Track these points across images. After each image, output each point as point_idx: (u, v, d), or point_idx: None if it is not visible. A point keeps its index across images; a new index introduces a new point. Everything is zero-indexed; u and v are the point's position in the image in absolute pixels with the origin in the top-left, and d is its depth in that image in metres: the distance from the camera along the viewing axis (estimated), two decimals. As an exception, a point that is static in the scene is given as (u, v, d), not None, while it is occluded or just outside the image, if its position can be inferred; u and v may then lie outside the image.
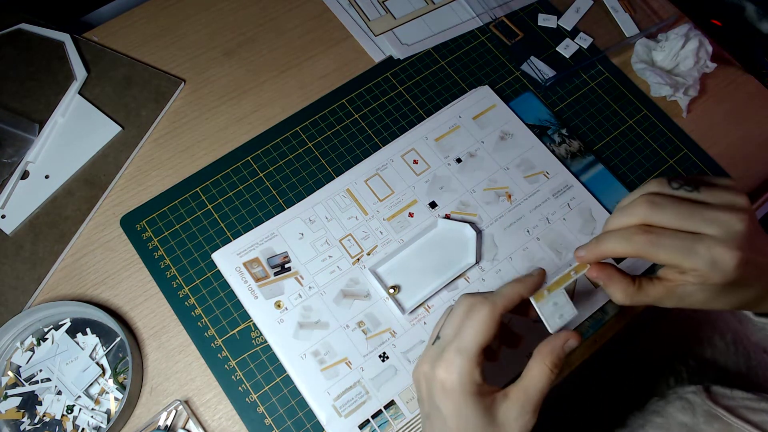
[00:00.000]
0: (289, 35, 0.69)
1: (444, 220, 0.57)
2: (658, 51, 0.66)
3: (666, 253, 0.34)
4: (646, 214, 0.35)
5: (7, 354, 0.53)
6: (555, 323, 0.39)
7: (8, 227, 0.57)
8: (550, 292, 0.39)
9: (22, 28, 0.66)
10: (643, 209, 0.35)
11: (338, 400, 0.51)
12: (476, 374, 0.36)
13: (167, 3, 0.70)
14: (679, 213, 0.35)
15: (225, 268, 0.55)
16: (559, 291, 0.39)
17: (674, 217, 0.34)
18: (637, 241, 0.35)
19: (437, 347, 0.38)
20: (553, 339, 0.38)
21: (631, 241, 0.35)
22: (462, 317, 0.37)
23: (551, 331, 0.39)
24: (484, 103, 0.64)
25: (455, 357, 0.36)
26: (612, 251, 0.36)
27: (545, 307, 0.39)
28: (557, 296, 0.39)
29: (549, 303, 0.39)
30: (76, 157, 0.60)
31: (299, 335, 0.53)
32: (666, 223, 0.35)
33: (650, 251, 0.34)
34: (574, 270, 0.39)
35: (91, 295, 0.55)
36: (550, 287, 0.39)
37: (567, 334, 0.38)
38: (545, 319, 0.39)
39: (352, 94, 0.65)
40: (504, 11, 0.70)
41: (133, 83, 0.64)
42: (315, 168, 0.61)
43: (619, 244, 0.35)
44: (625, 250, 0.35)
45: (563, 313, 0.39)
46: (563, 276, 0.39)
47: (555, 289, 0.39)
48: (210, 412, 0.51)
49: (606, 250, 0.36)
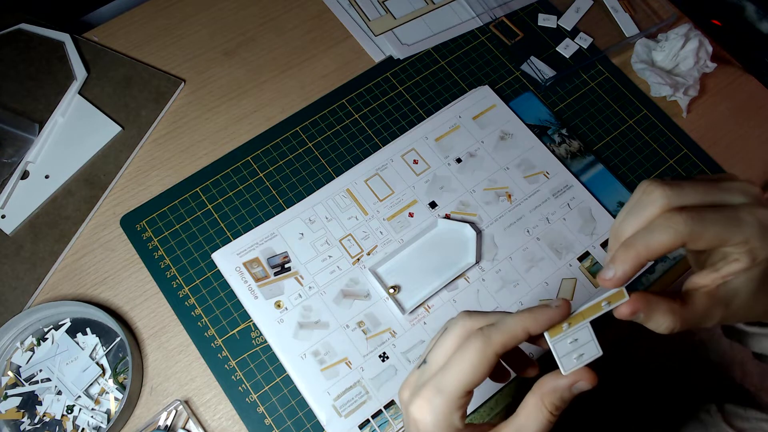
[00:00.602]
0: (289, 35, 0.69)
1: (444, 220, 0.57)
2: (658, 51, 0.66)
3: (714, 228, 0.29)
4: (668, 196, 0.30)
5: (7, 354, 0.53)
6: (571, 364, 0.31)
7: (8, 227, 0.57)
8: (571, 326, 0.31)
9: (22, 28, 0.66)
10: (661, 193, 0.30)
11: (338, 400, 0.51)
12: (455, 418, 0.31)
13: (167, 3, 0.70)
14: (699, 188, 0.31)
15: (225, 268, 0.55)
16: (582, 324, 0.31)
17: (697, 193, 0.30)
18: (677, 224, 0.29)
19: (420, 374, 0.33)
20: (558, 376, 0.31)
21: (671, 226, 0.29)
22: (452, 347, 0.32)
23: (564, 374, 0.31)
24: (484, 103, 0.64)
25: (433, 397, 0.31)
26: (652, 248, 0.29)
27: (561, 344, 0.31)
28: (579, 332, 0.31)
29: (567, 339, 0.31)
30: (76, 157, 0.60)
31: (299, 335, 0.53)
32: (691, 201, 0.30)
33: (696, 230, 0.29)
34: (607, 300, 0.31)
35: (91, 295, 0.55)
36: (572, 319, 0.31)
37: (579, 374, 0.31)
38: (558, 359, 0.31)
39: (352, 94, 0.65)
40: (504, 11, 0.70)
41: (133, 83, 0.64)
42: (315, 168, 0.61)
43: (660, 235, 0.29)
44: (668, 241, 0.29)
45: (584, 353, 0.31)
46: (591, 306, 0.31)
47: (577, 323, 0.31)
48: (210, 412, 0.51)
49: (643, 250, 0.29)
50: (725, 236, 0.29)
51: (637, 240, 0.30)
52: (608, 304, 0.31)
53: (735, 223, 0.29)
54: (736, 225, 0.29)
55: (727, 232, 0.29)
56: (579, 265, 0.56)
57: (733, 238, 0.29)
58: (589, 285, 0.55)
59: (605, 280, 0.30)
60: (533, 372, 0.37)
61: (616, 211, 0.59)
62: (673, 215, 0.29)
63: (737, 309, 0.32)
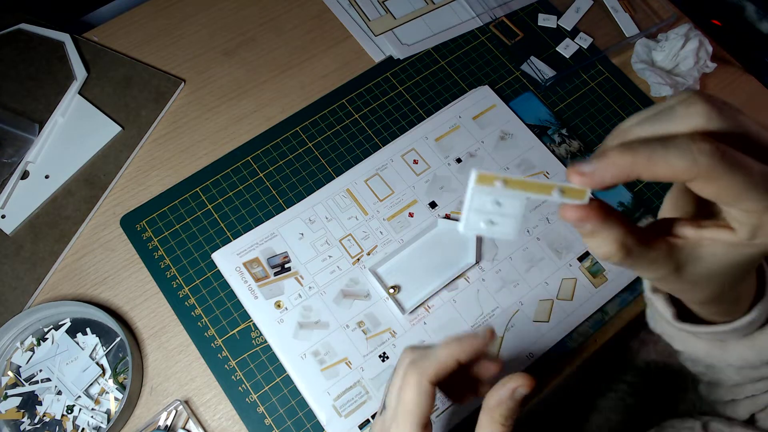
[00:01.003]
0: (289, 35, 0.69)
1: (444, 220, 0.57)
2: (658, 51, 0.66)
3: (741, 181, 0.22)
4: (710, 118, 0.23)
5: (7, 354, 0.53)
6: (473, 226, 0.26)
7: (8, 227, 0.57)
8: (506, 187, 0.26)
9: (22, 28, 0.66)
10: (704, 110, 0.23)
11: (338, 400, 0.51)
12: None
13: (167, 3, 0.70)
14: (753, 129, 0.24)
15: (225, 268, 0.55)
16: (518, 194, 0.26)
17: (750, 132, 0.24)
18: (703, 154, 0.22)
19: (383, 422, 0.34)
20: (499, 388, 0.32)
21: (693, 153, 0.22)
22: (400, 383, 0.33)
23: (460, 231, 0.27)
24: (484, 103, 0.64)
25: None
26: (654, 166, 0.23)
27: (481, 198, 0.26)
28: (509, 199, 0.26)
29: (491, 197, 0.26)
30: (76, 157, 0.60)
31: (299, 335, 0.53)
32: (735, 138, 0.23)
33: (719, 174, 0.22)
34: (561, 189, 0.25)
35: (91, 295, 0.55)
36: (511, 182, 0.26)
37: (515, 381, 0.31)
38: (467, 210, 0.26)
39: (352, 94, 0.65)
40: (504, 11, 0.70)
41: (133, 83, 0.64)
42: (315, 168, 0.61)
43: (674, 157, 0.22)
44: (679, 168, 0.22)
45: (498, 223, 0.26)
46: (540, 184, 0.25)
47: (514, 188, 0.26)
48: (210, 412, 0.51)
49: (643, 162, 0.23)
50: (745, 196, 0.23)
51: (643, 147, 0.23)
52: (560, 194, 0.25)
53: (766, 188, 0.23)
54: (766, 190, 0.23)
55: (751, 192, 0.23)
56: (579, 265, 0.56)
57: (749, 202, 0.23)
58: (589, 285, 0.55)
59: (578, 172, 0.24)
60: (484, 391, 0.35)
61: (616, 211, 0.59)
62: (704, 143, 0.22)
63: (689, 278, 0.28)
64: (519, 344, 0.53)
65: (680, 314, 0.36)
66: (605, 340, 0.54)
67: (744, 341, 0.36)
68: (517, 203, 0.26)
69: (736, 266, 0.27)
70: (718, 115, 0.23)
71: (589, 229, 0.25)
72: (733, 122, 0.24)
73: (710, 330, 0.34)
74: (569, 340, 0.54)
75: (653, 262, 0.26)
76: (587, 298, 0.55)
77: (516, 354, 0.52)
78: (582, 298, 0.55)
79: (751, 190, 0.23)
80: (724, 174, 0.22)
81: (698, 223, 0.26)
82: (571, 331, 0.54)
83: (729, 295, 0.30)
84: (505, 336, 0.53)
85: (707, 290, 0.29)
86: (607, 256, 0.25)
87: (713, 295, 0.29)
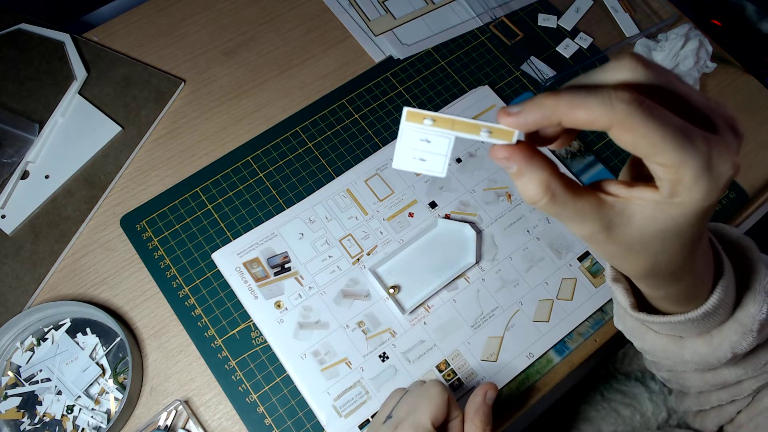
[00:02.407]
0: (289, 35, 0.69)
1: (444, 220, 0.57)
2: (658, 51, 0.66)
3: (653, 132, 0.23)
4: (634, 71, 0.24)
5: (7, 354, 0.53)
6: (403, 162, 0.27)
7: (8, 227, 0.57)
8: (434, 125, 0.26)
9: (22, 28, 0.66)
10: (630, 65, 0.24)
11: (338, 400, 0.51)
12: None
13: (167, 3, 0.70)
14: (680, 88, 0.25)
15: (225, 268, 0.55)
16: (446, 132, 0.26)
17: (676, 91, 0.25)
18: (620, 102, 0.23)
19: (389, 426, 0.39)
20: (473, 398, 0.40)
21: (610, 101, 0.23)
22: (417, 397, 0.40)
23: (393, 167, 0.28)
24: (484, 103, 0.64)
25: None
26: (573, 110, 0.24)
27: (411, 136, 0.27)
28: (438, 137, 0.27)
29: (420, 135, 0.27)
30: (76, 157, 0.60)
31: (299, 335, 0.53)
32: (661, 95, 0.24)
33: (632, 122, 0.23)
34: (490, 130, 0.26)
35: (91, 295, 0.55)
36: (441, 120, 0.26)
37: (484, 388, 0.40)
38: (398, 147, 0.27)
39: (352, 94, 0.65)
40: (504, 11, 0.70)
41: (133, 83, 0.64)
42: (315, 168, 0.61)
43: (592, 102, 0.23)
44: (594, 114, 0.23)
45: (426, 160, 0.27)
46: (468, 123, 0.26)
47: (443, 127, 0.26)
48: (210, 412, 0.51)
49: (564, 106, 0.24)
50: (661, 147, 0.23)
51: (567, 93, 0.24)
52: (488, 134, 0.26)
53: (683, 141, 0.23)
54: (683, 143, 0.23)
55: (667, 145, 0.23)
56: (579, 265, 0.56)
57: (665, 155, 0.23)
58: (589, 285, 0.55)
59: (506, 112, 0.25)
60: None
61: (616, 211, 0.59)
62: (624, 92, 0.23)
63: (621, 240, 0.27)
64: (519, 344, 0.53)
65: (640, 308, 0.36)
66: (605, 340, 0.54)
67: (700, 338, 0.37)
68: (445, 141, 0.27)
69: (667, 231, 0.26)
70: (644, 69, 0.24)
71: (515, 170, 0.25)
72: (661, 78, 0.25)
73: (665, 320, 0.35)
74: (569, 340, 0.54)
75: (580, 213, 0.26)
76: (587, 298, 0.55)
77: (516, 354, 0.52)
78: (582, 298, 0.55)
79: (667, 142, 0.23)
80: (640, 123, 0.23)
81: (629, 183, 0.26)
82: (571, 331, 0.54)
83: (668, 269, 0.29)
84: (505, 336, 0.53)
85: (642, 258, 0.28)
86: (534, 199, 0.26)
87: (651, 266, 0.29)
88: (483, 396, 0.40)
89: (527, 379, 0.52)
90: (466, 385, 0.51)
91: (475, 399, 0.40)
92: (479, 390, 0.40)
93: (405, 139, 0.27)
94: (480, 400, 0.40)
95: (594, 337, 0.54)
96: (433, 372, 0.52)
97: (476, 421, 0.39)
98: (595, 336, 0.54)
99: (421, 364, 0.52)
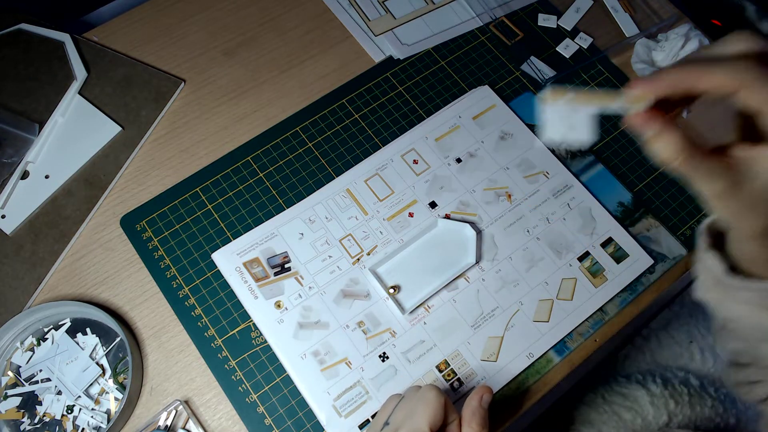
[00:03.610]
0: (289, 35, 0.69)
1: (444, 220, 0.57)
2: (658, 51, 0.66)
3: None
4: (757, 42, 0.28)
5: (7, 354, 0.53)
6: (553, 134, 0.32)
7: (8, 227, 0.57)
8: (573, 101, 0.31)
9: (22, 28, 0.66)
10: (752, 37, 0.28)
11: (338, 400, 0.51)
12: None
13: (167, 3, 0.70)
14: None
15: (225, 268, 0.55)
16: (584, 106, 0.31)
17: None
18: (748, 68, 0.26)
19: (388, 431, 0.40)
20: (469, 402, 0.41)
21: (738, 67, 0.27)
22: (414, 402, 0.40)
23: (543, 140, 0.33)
24: (484, 103, 0.64)
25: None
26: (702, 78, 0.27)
27: (554, 113, 0.31)
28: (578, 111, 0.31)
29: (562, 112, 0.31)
30: (76, 157, 0.60)
31: (299, 335, 0.53)
32: None
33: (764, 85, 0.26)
34: (625, 98, 0.29)
35: (91, 295, 0.55)
36: (579, 96, 0.31)
37: (479, 392, 0.41)
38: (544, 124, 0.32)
39: (352, 94, 0.65)
40: (504, 11, 0.70)
41: (133, 83, 0.64)
42: (315, 168, 0.61)
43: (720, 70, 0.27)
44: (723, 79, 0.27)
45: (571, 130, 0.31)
46: (603, 95, 0.30)
47: (581, 100, 0.31)
48: (210, 412, 0.51)
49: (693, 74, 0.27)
50: None
51: (695, 63, 0.27)
52: (623, 102, 0.29)
53: None
54: None
55: None
56: (579, 265, 0.56)
57: None
58: (589, 285, 0.55)
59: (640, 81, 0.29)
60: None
61: (616, 211, 0.59)
62: (749, 60, 0.26)
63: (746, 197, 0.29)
64: (519, 344, 0.53)
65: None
66: (605, 340, 0.54)
67: None
68: (584, 114, 0.31)
69: None
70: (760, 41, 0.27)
71: (653, 133, 0.29)
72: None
73: (763, 285, 0.35)
74: (569, 340, 0.54)
75: (711, 172, 0.29)
76: (587, 298, 0.55)
77: (516, 354, 0.52)
78: (582, 298, 0.55)
79: None
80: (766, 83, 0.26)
81: (754, 143, 0.29)
82: (571, 331, 0.54)
83: None
84: (505, 336, 0.53)
85: (764, 214, 0.30)
86: (671, 158, 0.29)
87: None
88: (479, 399, 0.41)
89: (527, 379, 0.52)
90: (466, 385, 0.51)
91: (471, 402, 0.41)
92: (475, 393, 0.41)
93: (549, 116, 0.31)
94: (476, 404, 0.41)
95: (594, 337, 0.54)
96: (433, 372, 0.52)
97: (473, 424, 0.40)
98: (595, 336, 0.54)
99: (421, 364, 0.52)
